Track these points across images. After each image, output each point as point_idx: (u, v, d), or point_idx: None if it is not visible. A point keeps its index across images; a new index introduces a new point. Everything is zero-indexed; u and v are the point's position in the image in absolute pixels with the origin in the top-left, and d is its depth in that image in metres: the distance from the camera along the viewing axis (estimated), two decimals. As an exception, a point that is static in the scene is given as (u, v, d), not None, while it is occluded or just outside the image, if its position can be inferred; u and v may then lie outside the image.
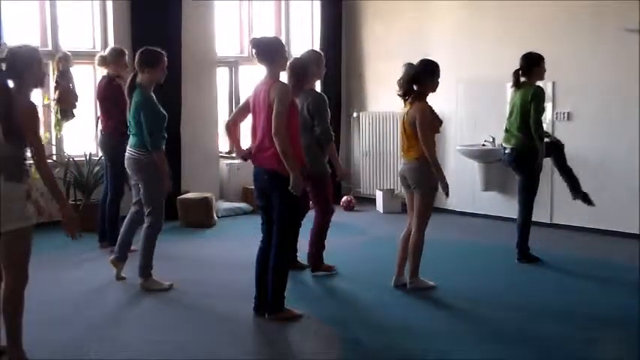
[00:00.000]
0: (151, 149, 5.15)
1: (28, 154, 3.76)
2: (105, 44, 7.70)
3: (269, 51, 4.55)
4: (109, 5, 7.77)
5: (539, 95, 5.90)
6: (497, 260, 6.16)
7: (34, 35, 7.58)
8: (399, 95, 5.20)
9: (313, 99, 5.54)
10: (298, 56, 5.87)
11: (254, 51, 4.56)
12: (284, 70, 4.80)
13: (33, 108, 3.73)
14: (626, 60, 6.74)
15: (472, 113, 8.03)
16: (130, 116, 5.27)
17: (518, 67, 5.97)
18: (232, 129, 4.78)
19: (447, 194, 5.11)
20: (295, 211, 4.63)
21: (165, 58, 5.25)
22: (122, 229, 5.57)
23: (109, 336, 4.43)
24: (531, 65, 5.91)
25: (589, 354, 4.19)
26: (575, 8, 7.12)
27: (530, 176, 5.99)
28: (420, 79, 5.08)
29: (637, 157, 6.72)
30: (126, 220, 5.56)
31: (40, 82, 3.82)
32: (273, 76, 4.55)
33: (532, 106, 5.85)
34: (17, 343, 3.72)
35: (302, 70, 5.52)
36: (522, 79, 5.96)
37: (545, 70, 5.97)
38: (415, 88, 5.10)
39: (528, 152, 5.93)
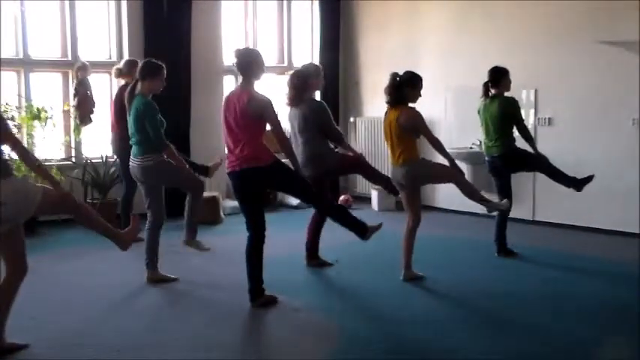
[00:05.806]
0: (160, 149, 5.28)
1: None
2: (120, 55, 8.03)
3: (245, 62, 4.64)
4: (124, 20, 8.08)
5: (515, 103, 6.08)
6: (483, 254, 6.30)
7: (55, 46, 7.90)
8: (387, 103, 5.39)
9: (310, 108, 5.66)
10: (299, 68, 6.02)
11: (234, 61, 4.68)
12: (258, 79, 4.76)
13: None
14: (601, 69, 7.04)
15: (460, 118, 8.22)
16: (130, 123, 5.35)
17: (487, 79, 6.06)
18: None
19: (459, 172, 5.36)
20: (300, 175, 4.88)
21: (165, 71, 5.37)
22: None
23: (113, 325, 4.48)
24: (500, 77, 6.02)
25: (569, 338, 4.23)
26: (554, 23, 7.39)
27: (509, 177, 6.19)
28: (404, 87, 5.29)
29: (611, 158, 6.98)
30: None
31: None
32: (247, 86, 4.63)
33: (513, 114, 6.00)
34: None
35: (302, 81, 5.66)
36: (492, 91, 6.09)
37: (510, 82, 6.09)
38: (399, 95, 5.29)
39: (513, 154, 6.11)
